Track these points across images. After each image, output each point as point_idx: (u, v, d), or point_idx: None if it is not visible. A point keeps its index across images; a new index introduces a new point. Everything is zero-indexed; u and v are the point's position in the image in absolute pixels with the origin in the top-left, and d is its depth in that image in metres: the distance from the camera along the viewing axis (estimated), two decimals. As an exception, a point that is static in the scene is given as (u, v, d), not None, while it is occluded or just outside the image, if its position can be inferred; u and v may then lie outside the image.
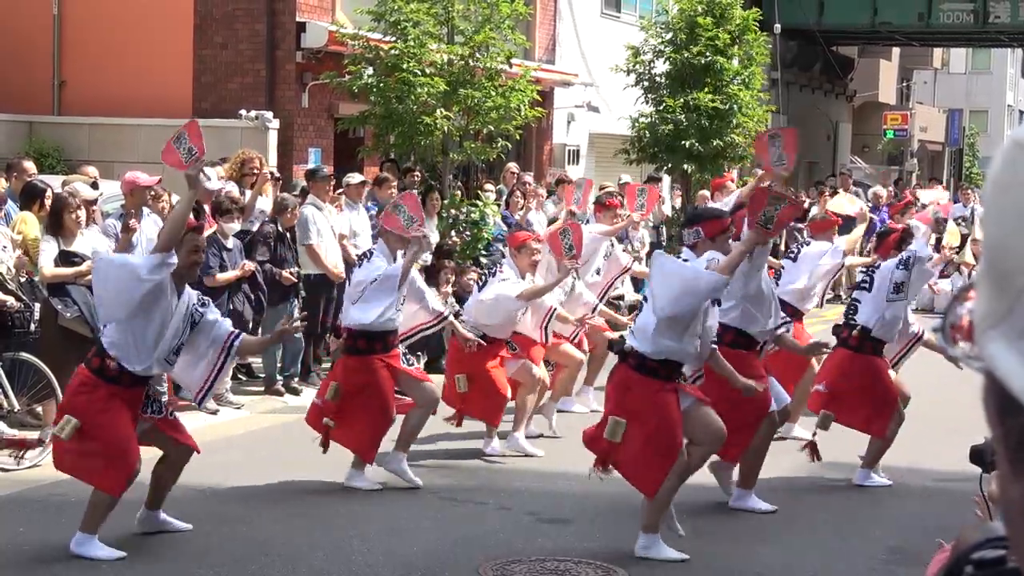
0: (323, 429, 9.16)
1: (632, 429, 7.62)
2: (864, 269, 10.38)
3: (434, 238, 15.59)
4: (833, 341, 9.93)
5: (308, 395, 12.82)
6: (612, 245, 12.67)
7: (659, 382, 7.62)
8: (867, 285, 9.79)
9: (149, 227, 11.44)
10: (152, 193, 11.82)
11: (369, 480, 9.17)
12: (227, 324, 7.74)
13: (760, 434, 8.76)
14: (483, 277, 9.72)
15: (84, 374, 7.33)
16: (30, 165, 12.10)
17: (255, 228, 12.83)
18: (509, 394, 10.27)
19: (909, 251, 9.79)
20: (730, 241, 8.08)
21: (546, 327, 10.40)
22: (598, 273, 12.26)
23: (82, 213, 10.21)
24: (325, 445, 9.19)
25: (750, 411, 8.53)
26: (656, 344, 7.55)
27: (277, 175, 14.20)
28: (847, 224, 15.85)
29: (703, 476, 9.44)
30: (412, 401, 9.29)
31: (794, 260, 11.45)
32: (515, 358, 10.37)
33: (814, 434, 9.76)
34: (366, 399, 9.03)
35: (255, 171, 13.25)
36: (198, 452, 7.75)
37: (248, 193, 12.99)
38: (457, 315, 10.52)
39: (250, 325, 12.22)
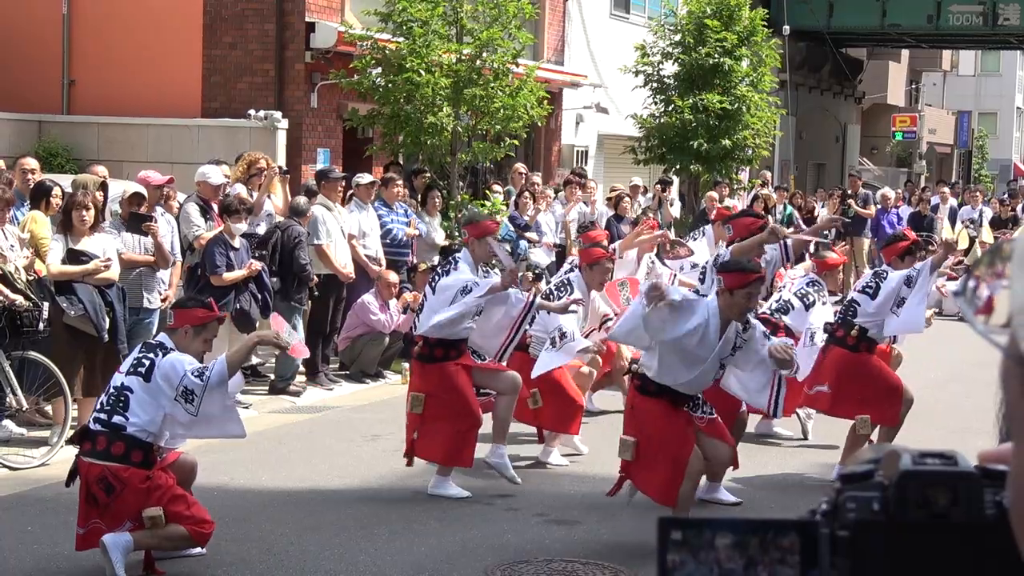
0: (408, 445, 9.10)
1: (643, 449, 7.71)
2: (872, 274, 10.28)
3: (438, 237, 15.63)
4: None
5: (314, 395, 12.87)
6: (652, 262, 12.56)
7: (662, 402, 7.67)
8: (871, 291, 9.77)
9: (161, 226, 11.48)
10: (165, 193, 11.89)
11: (456, 488, 9.07)
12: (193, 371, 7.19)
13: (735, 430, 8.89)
14: (435, 277, 9.21)
15: (137, 472, 6.97)
16: (31, 161, 12.09)
17: (260, 229, 12.85)
18: (583, 401, 10.18)
19: (915, 268, 9.71)
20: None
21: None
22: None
23: (90, 213, 10.22)
24: (410, 458, 9.13)
25: (722, 410, 8.57)
26: (659, 368, 7.66)
27: (286, 170, 14.21)
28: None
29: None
30: (493, 397, 9.28)
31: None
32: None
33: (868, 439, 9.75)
34: (448, 406, 8.95)
35: (263, 172, 13.28)
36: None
37: (255, 195, 13.03)
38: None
39: (257, 324, 12.25)
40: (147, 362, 7.09)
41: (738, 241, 9.18)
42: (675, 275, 12.52)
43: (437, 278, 9.06)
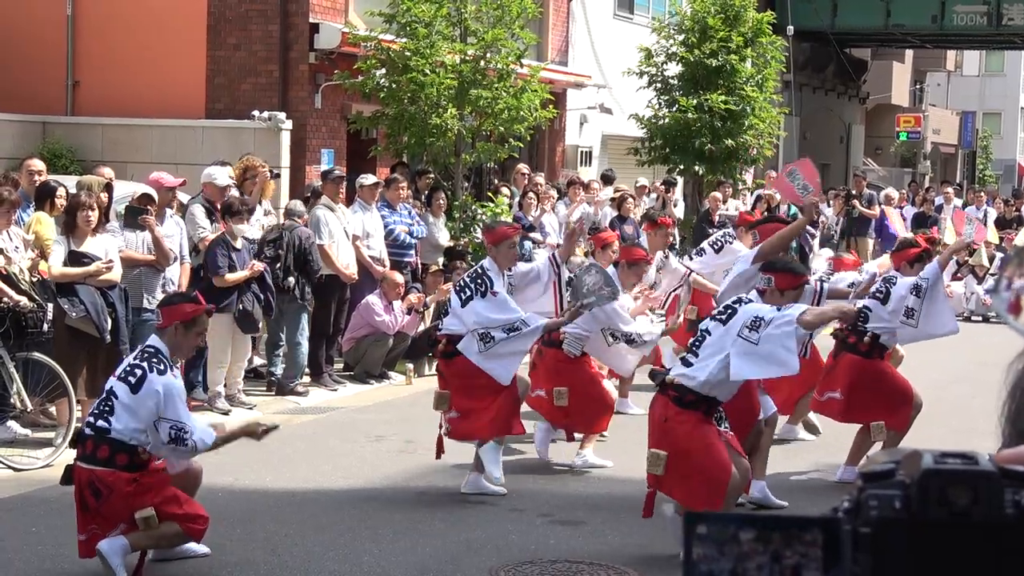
0: (439, 440, 9.13)
1: (677, 462, 7.47)
2: (882, 279, 10.22)
3: (442, 237, 15.65)
4: None
5: (318, 396, 12.87)
6: (666, 256, 12.52)
7: (697, 414, 7.50)
8: (881, 296, 9.73)
9: (171, 228, 11.47)
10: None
11: (492, 485, 9.02)
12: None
13: (749, 440, 8.71)
14: (466, 289, 9.00)
15: (122, 475, 6.92)
16: (37, 163, 12.10)
17: (251, 233, 12.86)
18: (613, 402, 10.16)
19: (921, 277, 9.64)
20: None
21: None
22: (651, 288, 12.17)
23: (94, 213, 10.23)
24: (468, 437, 9.16)
25: (739, 421, 8.46)
26: (712, 376, 7.39)
27: (276, 172, 14.22)
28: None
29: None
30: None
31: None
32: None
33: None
34: (482, 394, 8.93)
35: (256, 178, 13.29)
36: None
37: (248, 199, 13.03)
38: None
39: (260, 324, 12.26)
40: (139, 372, 7.02)
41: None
42: (690, 272, 12.51)
43: (468, 292, 8.93)
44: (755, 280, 8.45)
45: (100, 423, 6.98)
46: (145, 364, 7.05)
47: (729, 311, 7.52)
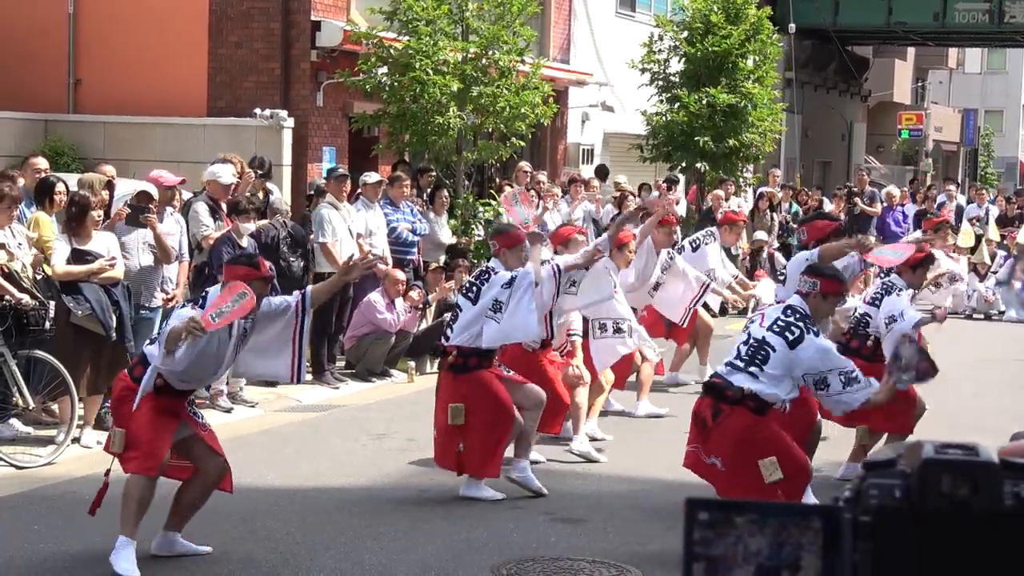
0: (455, 458, 8.93)
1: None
2: (880, 285, 10.19)
3: (444, 235, 15.64)
4: None
5: (319, 393, 12.87)
6: (671, 258, 12.49)
7: (770, 416, 7.53)
8: (878, 302, 9.75)
9: (170, 226, 11.46)
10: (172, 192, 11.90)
11: (490, 491, 8.96)
12: (285, 299, 7.69)
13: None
14: (473, 287, 9.07)
15: (126, 381, 7.28)
16: (41, 161, 12.10)
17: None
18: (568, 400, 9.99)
19: (903, 317, 9.48)
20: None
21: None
22: (656, 289, 12.18)
23: (99, 213, 10.24)
24: (461, 469, 8.97)
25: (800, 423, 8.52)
26: (788, 394, 7.47)
27: (260, 172, 14.22)
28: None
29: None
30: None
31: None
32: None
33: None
34: (484, 415, 8.83)
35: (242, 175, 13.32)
36: (229, 490, 7.69)
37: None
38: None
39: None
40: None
41: (812, 245, 9.24)
42: (707, 283, 12.48)
43: (477, 288, 8.96)
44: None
45: (144, 346, 7.57)
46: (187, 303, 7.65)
47: (792, 331, 7.47)
